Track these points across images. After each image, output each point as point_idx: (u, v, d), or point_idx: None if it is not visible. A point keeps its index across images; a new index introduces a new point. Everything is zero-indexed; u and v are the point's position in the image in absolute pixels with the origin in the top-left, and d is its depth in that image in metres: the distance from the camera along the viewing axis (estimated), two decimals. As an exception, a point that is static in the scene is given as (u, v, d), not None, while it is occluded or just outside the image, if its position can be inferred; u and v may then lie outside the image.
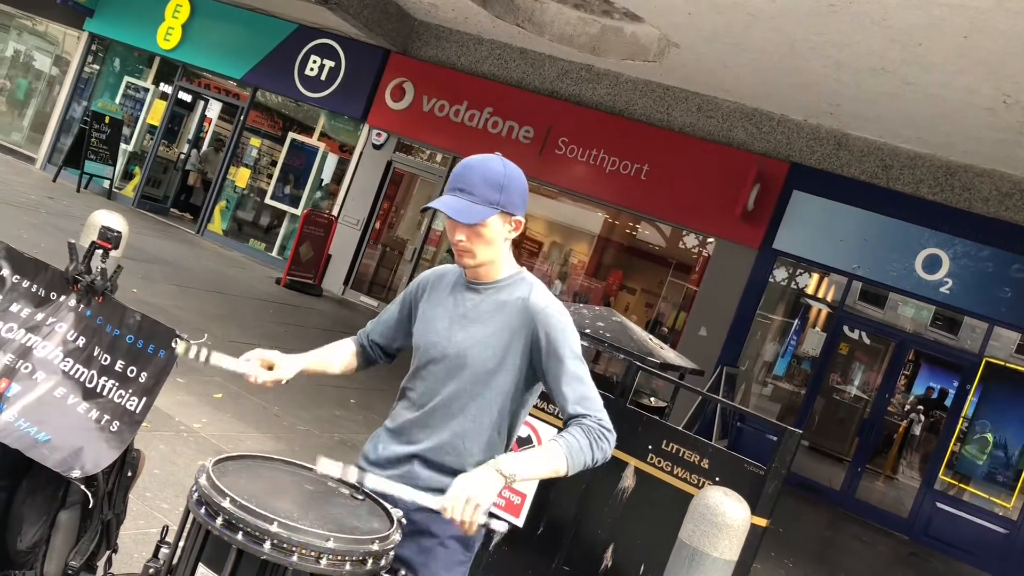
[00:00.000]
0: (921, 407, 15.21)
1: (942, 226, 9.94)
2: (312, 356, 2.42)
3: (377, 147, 13.94)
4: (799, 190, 10.70)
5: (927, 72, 7.84)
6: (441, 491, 2.08)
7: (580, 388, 2.14)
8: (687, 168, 11.33)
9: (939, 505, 9.91)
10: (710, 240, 11.77)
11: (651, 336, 5.09)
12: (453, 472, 2.11)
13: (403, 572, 1.90)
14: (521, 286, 2.25)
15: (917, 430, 14.79)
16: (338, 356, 2.48)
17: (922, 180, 10.12)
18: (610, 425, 2.14)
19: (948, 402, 12.68)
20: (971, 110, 8.30)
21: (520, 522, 3.98)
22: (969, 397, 9.97)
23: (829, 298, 11.54)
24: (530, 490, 3.96)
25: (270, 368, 2.28)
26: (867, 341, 13.88)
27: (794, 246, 10.73)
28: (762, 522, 3.48)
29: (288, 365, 2.31)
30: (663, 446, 3.75)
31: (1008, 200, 9.66)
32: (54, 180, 15.37)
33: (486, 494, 1.92)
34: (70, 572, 2.83)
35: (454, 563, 2.14)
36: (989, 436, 9.80)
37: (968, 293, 9.80)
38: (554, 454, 2.03)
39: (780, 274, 11.31)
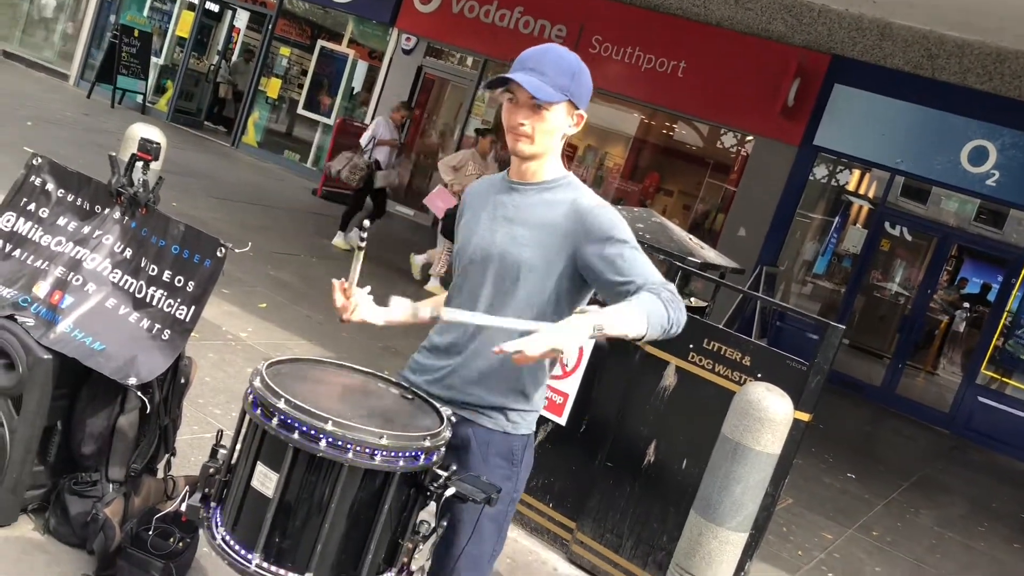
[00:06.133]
0: (967, 304, 15.02)
1: (990, 116, 9.62)
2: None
3: (407, 52, 13.72)
4: (840, 83, 10.39)
5: (978, -47, 7.47)
6: (471, 402, 2.11)
7: (646, 271, 2.02)
8: (725, 64, 11.03)
9: (980, 399, 9.89)
10: (749, 138, 11.53)
11: (691, 236, 5.06)
12: (486, 377, 2.10)
13: (454, 467, 1.94)
14: (568, 189, 2.16)
15: (961, 327, 14.63)
16: None
17: (969, 69, 9.76)
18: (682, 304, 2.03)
19: (991, 296, 12.50)
20: (1024, -8, 7.92)
21: (563, 420, 4.05)
22: (1014, 291, 9.83)
23: (871, 195, 11.32)
24: (572, 389, 4.02)
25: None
26: (909, 237, 13.64)
27: (835, 142, 10.49)
28: (805, 417, 3.51)
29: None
30: (704, 344, 3.77)
31: (1060, 87, 9.32)
32: (88, 96, 15.38)
33: (572, 346, 1.81)
34: (132, 474, 2.95)
35: (497, 479, 2.06)
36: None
37: (1016, 185, 9.56)
38: (636, 314, 1.90)
39: (820, 171, 11.09)
